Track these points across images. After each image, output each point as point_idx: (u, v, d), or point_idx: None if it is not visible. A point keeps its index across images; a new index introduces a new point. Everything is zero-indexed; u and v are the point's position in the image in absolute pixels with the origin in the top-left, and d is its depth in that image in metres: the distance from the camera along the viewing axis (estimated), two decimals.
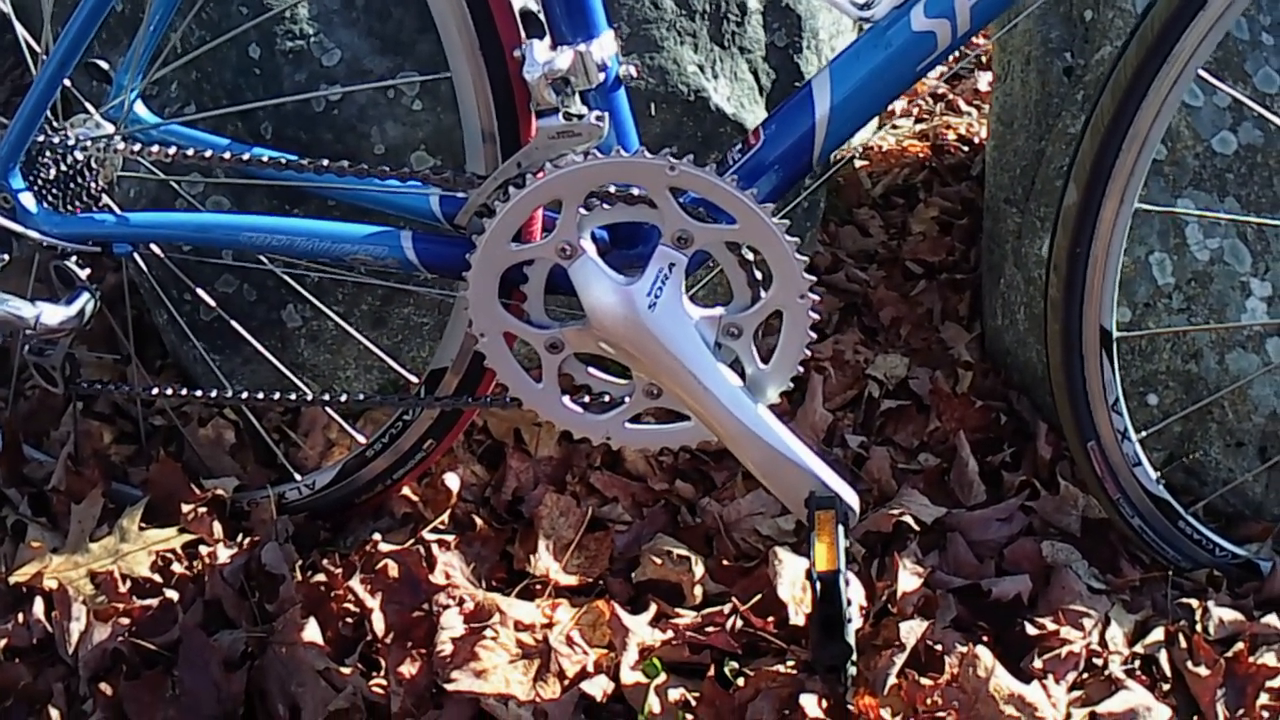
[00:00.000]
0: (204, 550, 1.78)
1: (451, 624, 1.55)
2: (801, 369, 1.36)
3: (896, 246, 2.40)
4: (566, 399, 1.42)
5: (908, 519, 1.67)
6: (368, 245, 1.41)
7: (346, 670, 1.53)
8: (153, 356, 2.13)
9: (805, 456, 1.36)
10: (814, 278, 1.28)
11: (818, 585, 1.28)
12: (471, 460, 1.91)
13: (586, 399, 1.44)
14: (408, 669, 1.52)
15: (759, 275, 1.31)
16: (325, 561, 1.75)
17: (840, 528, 1.31)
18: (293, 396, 1.63)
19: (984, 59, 2.88)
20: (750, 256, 1.29)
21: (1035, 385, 1.95)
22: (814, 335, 1.32)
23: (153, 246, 1.65)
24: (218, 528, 1.82)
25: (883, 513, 1.69)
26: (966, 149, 2.75)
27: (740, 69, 1.93)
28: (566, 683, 1.51)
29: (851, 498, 1.38)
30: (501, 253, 1.31)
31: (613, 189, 1.28)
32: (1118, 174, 1.36)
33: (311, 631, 1.56)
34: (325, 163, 1.39)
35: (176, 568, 1.77)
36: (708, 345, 1.32)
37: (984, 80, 2.97)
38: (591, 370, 1.42)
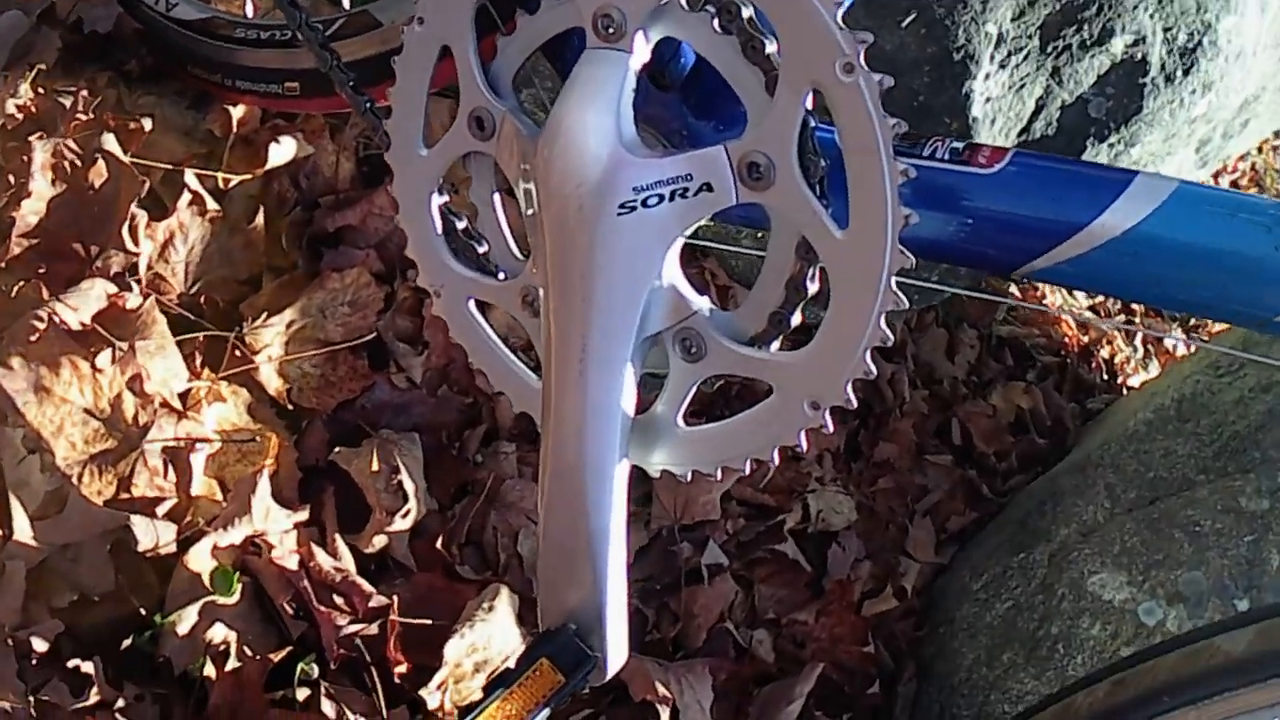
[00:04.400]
0: None
1: (82, 302, 1.00)
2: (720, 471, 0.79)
3: (963, 398, 1.86)
4: (436, 201, 0.85)
5: (664, 711, 1.11)
6: None
7: None
8: None
9: (613, 573, 0.80)
10: (853, 400, 0.71)
11: None
12: (350, 154, 1.33)
13: (460, 225, 0.87)
14: None
15: (795, 320, 0.74)
16: (81, 93, 1.19)
17: (546, 711, 0.76)
18: None
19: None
20: (812, 287, 0.72)
21: (941, 685, 1.43)
22: (776, 459, 0.75)
23: None
24: None
25: (650, 674, 1.13)
26: (1105, 378, 2.19)
27: (1031, 89, 1.33)
28: (123, 497, 0.97)
29: (612, 668, 0.83)
30: None
31: (748, 14, 0.69)
32: None
33: None
34: None
35: None
36: (641, 327, 0.75)
37: (1180, 335, 2.40)
38: (497, 198, 0.85)
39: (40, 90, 1.22)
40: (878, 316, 0.68)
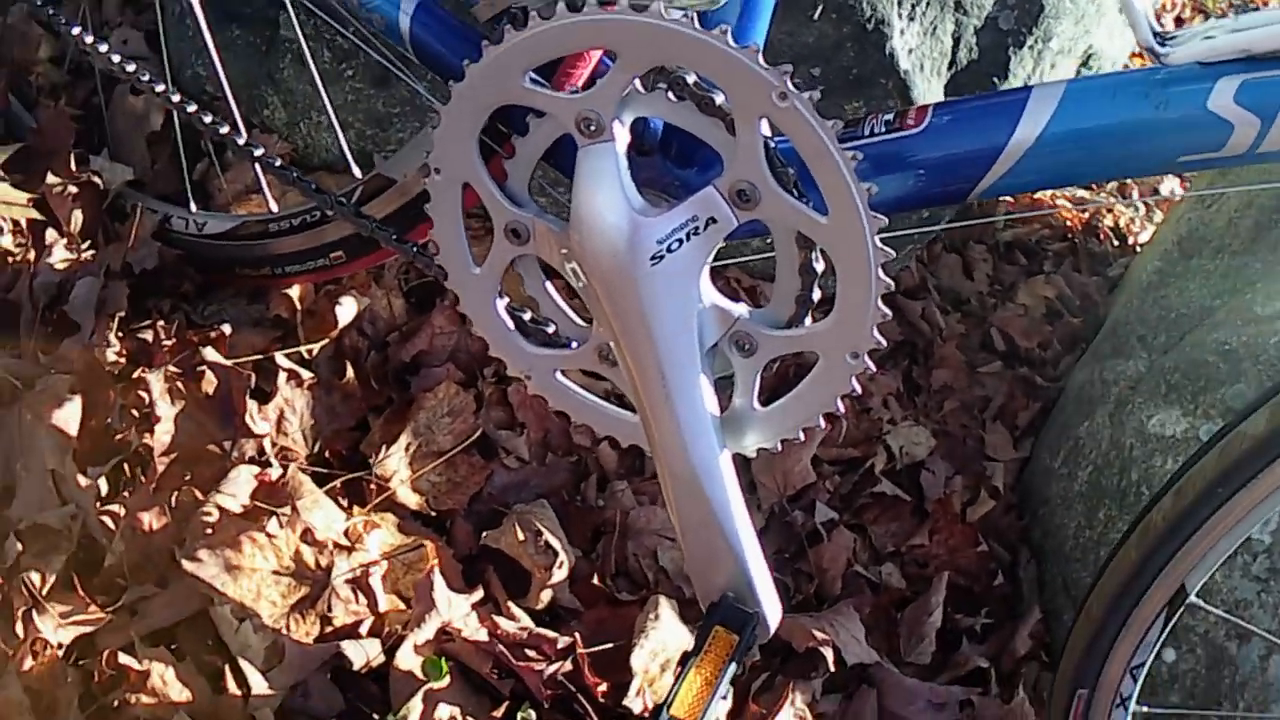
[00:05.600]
0: (48, 238, 1.41)
1: (236, 488, 1.18)
2: (802, 432, 0.96)
3: (992, 307, 2.00)
4: (501, 304, 1.02)
5: (827, 651, 1.28)
6: None
7: (84, 481, 1.16)
8: None
9: (747, 545, 0.97)
10: (882, 341, 0.88)
11: None
12: (396, 291, 1.52)
13: (526, 316, 1.05)
14: (151, 519, 1.15)
15: (817, 295, 0.90)
16: (158, 324, 1.37)
17: (733, 665, 0.93)
18: (211, 119, 1.23)
19: None
20: (819, 266, 0.89)
21: (1056, 558, 1.56)
22: (841, 408, 0.92)
23: None
24: (78, 218, 1.46)
25: (806, 626, 1.30)
26: (1116, 244, 2.32)
27: (944, 27, 1.49)
28: (328, 630, 1.15)
29: (773, 622, 1.00)
30: (511, 82, 0.90)
31: (693, 80, 0.86)
32: None
33: (69, 413, 1.18)
34: None
35: (4, 242, 1.40)
36: (701, 344, 0.92)
37: (1174, 184, 2.51)
38: (550, 286, 1.02)
39: (122, 334, 1.40)
40: (876, 270, 0.85)
